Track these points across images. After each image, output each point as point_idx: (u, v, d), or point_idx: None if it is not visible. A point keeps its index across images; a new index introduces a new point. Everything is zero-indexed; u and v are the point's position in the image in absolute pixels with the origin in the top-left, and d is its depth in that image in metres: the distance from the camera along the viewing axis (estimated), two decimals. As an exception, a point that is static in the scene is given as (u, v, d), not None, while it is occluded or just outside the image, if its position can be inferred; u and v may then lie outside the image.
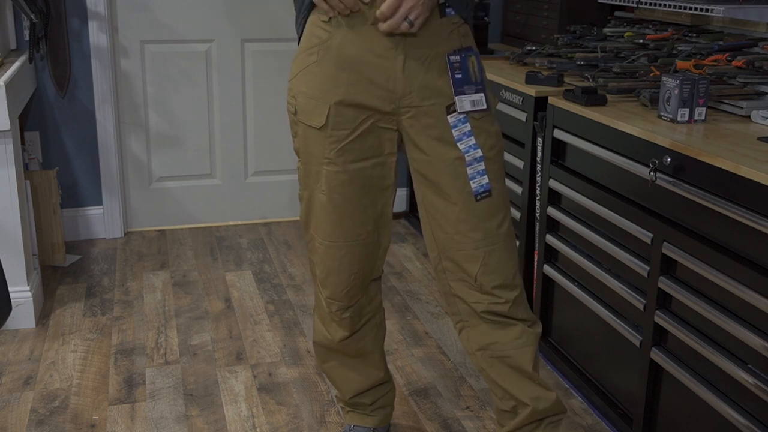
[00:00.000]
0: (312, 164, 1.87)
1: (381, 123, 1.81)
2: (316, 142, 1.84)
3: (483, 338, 1.88)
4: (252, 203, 3.91)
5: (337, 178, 1.84)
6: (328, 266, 1.93)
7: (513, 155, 2.75)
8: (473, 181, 1.80)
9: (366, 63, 1.76)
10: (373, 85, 1.77)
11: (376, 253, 1.95)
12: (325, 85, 1.79)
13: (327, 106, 1.79)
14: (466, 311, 1.88)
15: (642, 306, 2.09)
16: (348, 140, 1.81)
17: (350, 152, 1.82)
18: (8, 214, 2.77)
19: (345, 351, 2.07)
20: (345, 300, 1.96)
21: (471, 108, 1.80)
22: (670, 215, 2.00)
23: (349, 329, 2.01)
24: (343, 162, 1.83)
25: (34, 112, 3.48)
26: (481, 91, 1.82)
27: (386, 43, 1.74)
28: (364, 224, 1.89)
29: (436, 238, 1.86)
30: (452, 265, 1.85)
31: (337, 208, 1.86)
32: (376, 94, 1.78)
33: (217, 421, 2.33)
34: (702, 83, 2.07)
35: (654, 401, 2.11)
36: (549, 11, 3.25)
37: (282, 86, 3.76)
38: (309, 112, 1.83)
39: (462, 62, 1.80)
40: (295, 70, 1.86)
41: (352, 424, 2.19)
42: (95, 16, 3.44)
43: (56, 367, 2.61)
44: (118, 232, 3.70)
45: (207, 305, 3.05)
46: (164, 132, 3.71)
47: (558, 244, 2.51)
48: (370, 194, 1.87)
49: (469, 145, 1.81)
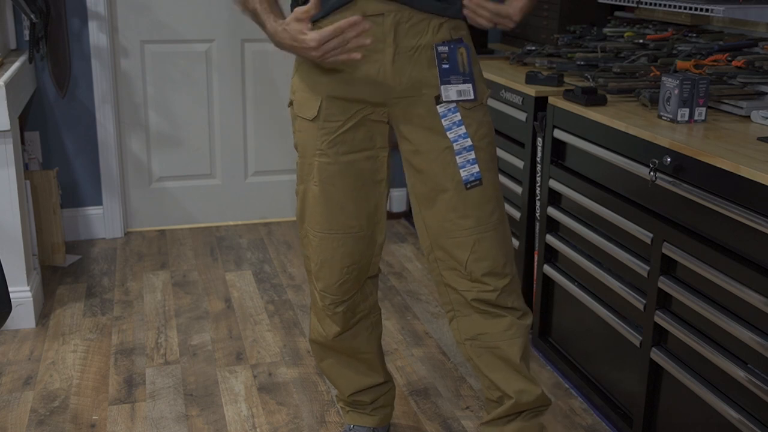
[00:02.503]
0: (306, 157, 1.90)
1: (372, 116, 1.84)
2: (310, 134, 1.87)
3: (473, 328, 1.90)
4: (252, 203, 3.91)
5: (328, 169, 1.86)
6: (321, 258, 1.94)
7: (513, 155, 2.75)
8: (463, 170, 1.82)
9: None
10: (364, 77, 1.79)
11: (371, 249, 1.96)
12: (317, 78, 1.83)
13: (319, 98, 1.83)
14: (457, 301, 1.91)
15: (642, 306, 2.09)
16: (339, 132, 1.84)
17: (342, 144, 1.85)
18: (8, 214, 2.77)
19: (339, 348, 2.08)
20: (338, 294, 1.97)
21: (457, 97, 1.82)
22: (670, 215, 2.00)
23: (341, 325, 2.02)
24: (334, 153, 1.85)
25: (34, 112, 3.48)
26: (469, 81, 1.83)
27: (376, 35, 1.75)
28: (357, 217, 1.91)
29: (428, 227, 1.89)
30: (443, 254, 1.88)
31: (330, 199, 1.88)
32: (367, 86, 1.80)
33: (217, 421, 2.33)
34: (702, 83, 2.07)
35: (654, 401, 2.11)
36: (549, 11, 3.25)
37: (282, 86, 3.77)
38: (303, 104, 1.87)
39: (450, 53, 1.82)
40: (294, 66, 1.91)
41: (352, 424, 2.19)
42: (95, 16, 3.44)
43: (56, 367, 2.61)
44: (118, 232, 3.70)
45: (207, 305, 3.05)
46: (164, 132, 3.71)
47: (558, 244, 2.51)
48: (363, 188, 1.89)
49: (458, 135, 1.83)
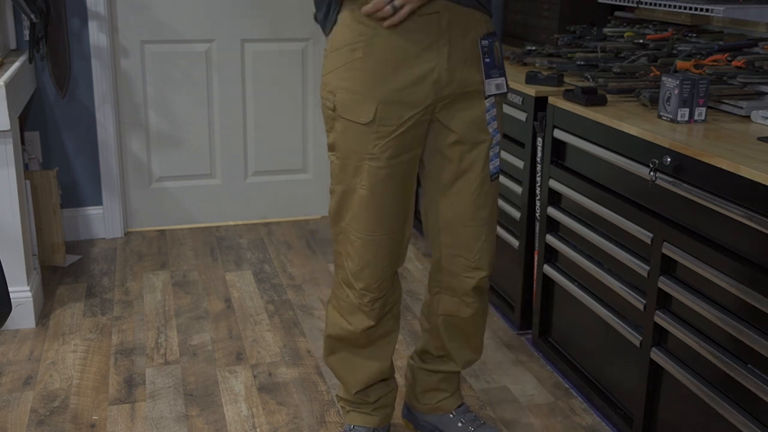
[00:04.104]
0: (351, 159, 1.87)
1: (422, 117, 1.86)
2: (359, 137, 1.85)
3: (452, 308, 2.04)
4: (252, 203, 3.91)
5: (379, 173, 1.86)
6: (365, 259, 1.94)
7: (513, 155, 2.75)
8: (491, 163, 1.93)
9: (413, 56, 1.79)
10: (420, 79, 1.81)
11: (402, 243, 1.99)
12: (372, 81, 1.81)
13: (375, 102, 1.81)
14: (449, 284, 2.01)
15: (642, 306, 2.09)
16: (392, 137, 1.84)
17: (393, 148, 1.85)
18: (8, 214, 2.77)
19: (361, 341, 2.07)
20: (377, 291, 1.98)
21: (495, 91, 1.90)
22: (670, 215, 2.00)
23: (375, 319, 2.02)
24: (386, 158, 1.85)
25: (34, 112, 3.48)
26: (503, 75, 1.92)
27: (432, 35, 1.78)
28: (397, 217, 1.93)
29: (441, 213, 1.96)
30: (452, 240, 1.95)
31: (378, 203, 1.89)
32: (423, 88, 1.82)
33: (217, 421, 2.33)
34: (702, 83, 2.07)
35: (654, 401, 2.11)
36: (549, 11, 3.25)
37: (282, 86, 3.77)
38: (352, 108, 1.83)
39: (489, 47, 1.88)
40: (331, 65, 1.86)
41: (353, 424, 2.19)
42: (95, 16, 3.44)
43: (56, 367, 2.61)
44: (118, 232, 3.70)
45: (207, 305, 3.05)
46: (164, 132, 3.71)
47: (558, 244, 2.51)
48: (404, 187, 1.92)
49: (494, 129, 1.92)
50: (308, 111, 3.85)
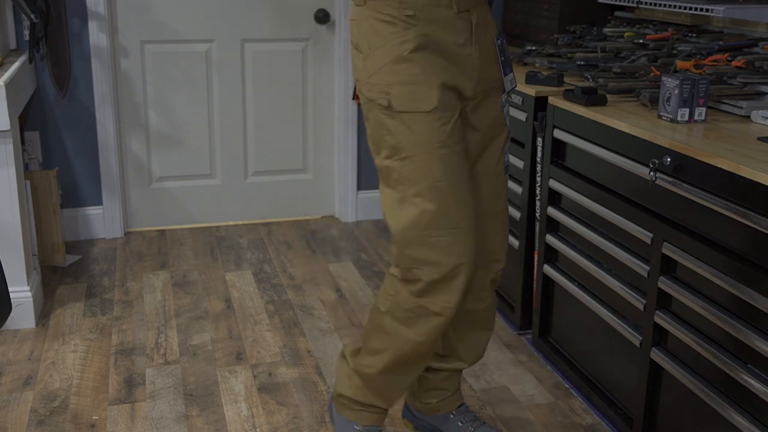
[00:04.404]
0: (421, 154, 1.80)
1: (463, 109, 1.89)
2: (424, 128, 1.80)
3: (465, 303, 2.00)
4: (252, 203, 3.91)
5: (452, 159, 1.82)
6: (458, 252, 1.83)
7: (513, 155, 2.75)
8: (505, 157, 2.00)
9: (454, 50, 1.83)
10: (461, 71, 1.84)
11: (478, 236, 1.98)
12: (430, 69, 1.80)
13: (436, 88, 1.80)
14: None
15: (642, 306, 2.09)
16: (452, 121, 1.83)
17: (455, 135, 1.84)
18: (8, 214, 2.77)
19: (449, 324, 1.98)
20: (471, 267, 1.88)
21: (510, 87, 1.96)
22: (670, 215, 2.00)
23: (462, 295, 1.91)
24: (453, 143, 1.83)
25: (34, 112, 3.48)
26: (512, 71, 1.98)
27: (465, 33, 1.83)
28: (472, 207, 1.88)
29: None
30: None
31: (458, 193, 1.82)
32: (465, 81, 1.85)
33: (217, 421, 2.33)
34: (702, 83, 2.07)
35: (654, 401, 2.11)
36: (549, 11, 3.25)
37: (282, 86, 3.77)
38: (414, 98, 1.79)
39: (502, 45, 1.94)
40: (377, 63, 1.82)
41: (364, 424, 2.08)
42: (95, 16, 3.44)
43: (56, 367, 2.61)
44: (118, 232, 3.70)
45: (207, 305, 3.05)
46: (164, 132, 3.71)
47: (558, 244, 2.51)
48: (468, 179, 1.91)
49: (509, 124, 1.99)
50: (308, 111, 3.85)
